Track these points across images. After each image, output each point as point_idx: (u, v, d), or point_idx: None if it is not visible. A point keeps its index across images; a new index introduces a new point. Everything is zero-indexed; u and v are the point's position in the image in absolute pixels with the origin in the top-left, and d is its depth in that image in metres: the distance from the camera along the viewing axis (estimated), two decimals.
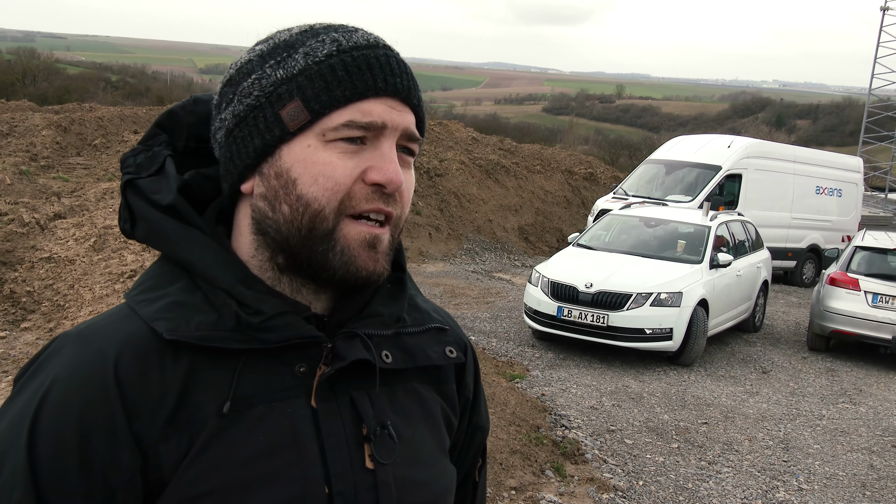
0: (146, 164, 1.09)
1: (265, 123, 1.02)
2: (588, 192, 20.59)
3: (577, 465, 6.27)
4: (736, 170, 15.65)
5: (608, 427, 7.26)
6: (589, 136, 63.14)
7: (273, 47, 1.05)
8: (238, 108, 1.04)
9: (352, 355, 1.05)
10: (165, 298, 1.01)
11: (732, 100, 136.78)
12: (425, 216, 16.31)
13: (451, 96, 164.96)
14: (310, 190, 1.00)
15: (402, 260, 1.18)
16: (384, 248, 1.05)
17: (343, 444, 1.04)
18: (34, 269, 6.76)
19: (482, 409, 1.31)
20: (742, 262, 11.09)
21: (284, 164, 1.02)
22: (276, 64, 1.03)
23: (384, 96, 1.02)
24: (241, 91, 1.04)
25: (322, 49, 1.02)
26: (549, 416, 7.28)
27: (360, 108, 1.01)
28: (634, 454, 6.71)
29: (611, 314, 9.18)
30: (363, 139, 1.02)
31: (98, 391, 0.95)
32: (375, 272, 1.05)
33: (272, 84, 1.02)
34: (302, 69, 1.02)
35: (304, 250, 1.03)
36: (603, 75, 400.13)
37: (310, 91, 1.01)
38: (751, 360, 10.34)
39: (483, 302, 12.21)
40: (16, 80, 39.33)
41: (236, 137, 1.04)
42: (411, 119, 1.06)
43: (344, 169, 1.01)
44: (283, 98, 1.01)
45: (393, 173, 1.02)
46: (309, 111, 1.00)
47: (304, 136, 1.01)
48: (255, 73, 1.04)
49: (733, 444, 7.18)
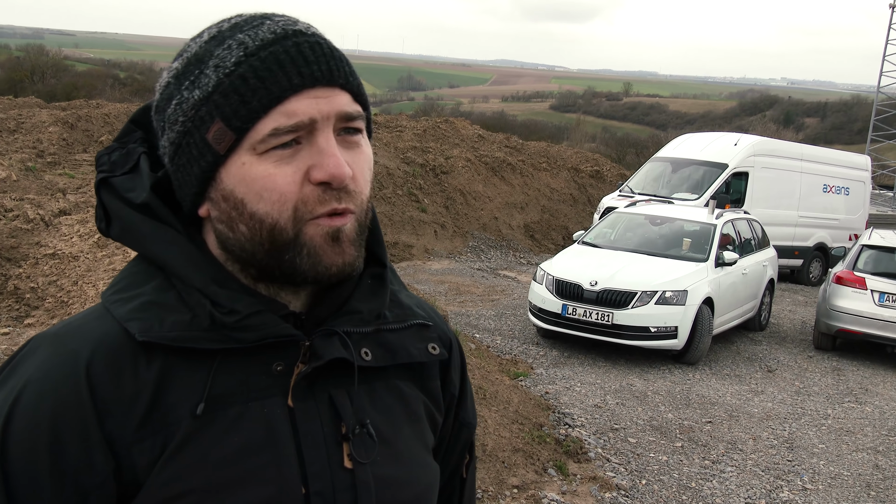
0: (120, 162, 1.07)
1: (197, 150, 0.99)
2: (594, 189, 20.55)
3: (580, 464, 6.26)
4: (742, 168, 15.59)
5: (612, 425, 7.24)
6: (596, 133, 63.02)
7: (186, 65, 1.01)
8: (171, 135, 1.02)
9: (329, 354, 1.04)
10: (140, 298, 1.00)
11: (740, 97, 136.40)
12: (431, 213, 16.29)
13: (458, 94, 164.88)
14: (259, 207, 0.98)
15: (382, 255, 1.16)
16: (349, 236, 1.03)
17: (321, 443, 1.03)
18: (38, 265, 6.77)
19: (469, 404, 1.30)
20: (748, 261, 11.04)
21: (227, 187, 0.99)
22: (191, 84, 0.99)
23: (304, 89, 0.98)
24: (168, 119, 1.02)
25: (230, 58, 0.98)
26: (553, 415, 7.26)
27: (282, 111, 0.97)
28: (638, 453, 6.69)
29: (615, 312, 9.15)
30: (297, 139, 0.98)
31: (70, 393, 0.94)
32: (346, 264, 1.03)
33: (192, 107, 0.99)
34: (216, 85, 0.97)
35: (272, 261, 1.01)
36: (610, 73, 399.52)
37: (227, 109, 0.97)
38: (756, 358, 10.31)
39: (488, 300, 12.20)
40: (24, 77, 39.44)
41: (178, 166, 1.02)
42: (343, 99, 1.01)
43: (284, 177, 0.98)
44: (206, 121, 0.98)
45: (334, 167, 0.98)
46: (232, 130, 0.97)
47: (236, 155, 0.98)
48: (174, 97, 1.01)
49: (737, 444, 7.15)
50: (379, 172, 16.17)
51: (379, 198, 15.59)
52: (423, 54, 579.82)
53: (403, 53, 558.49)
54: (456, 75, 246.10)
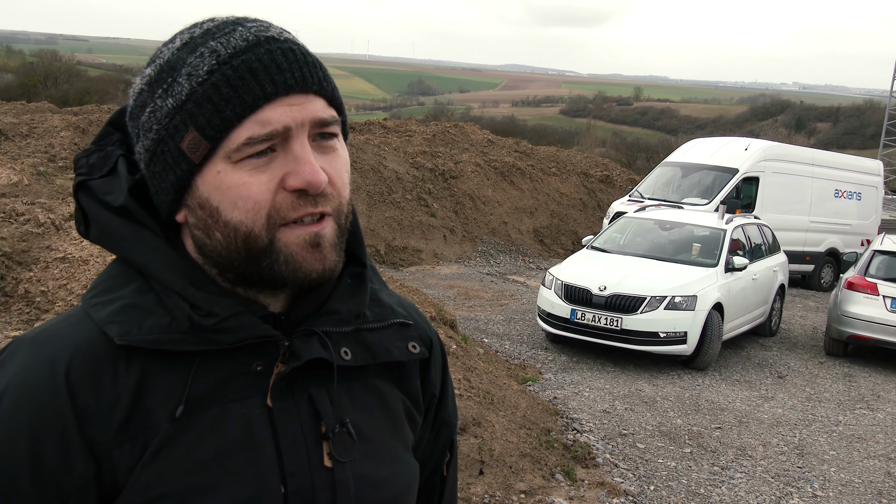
0: (98, 165, 1.07)
1: (172, 158, 0.99)
2: (604, 194, 20.51)
3: (588, 469, 6.23)
4: (753, 173, 15.53)
5: (620, 431, 7.21)
6: (606, 138, 62.92)
7: (158, 72, 1.01)
8: (146, 143, 1.01)
9: (308, 354, 1.04)
10: (119, 301, 1.00)
11: (751, 102, 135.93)
12: (440, 218, 16.29)
13: (469, 98, 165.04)
14: (233, 215, 0.98)
15: (362, 255, 1.16)
16: (329, 241, 1.03)
17: (300, 442, 1.03)
18: (49, 269, 6.80)
19: (450, 403, 1.30)
20: (758, 266, 10.99)
21: (202, 195, 0.99)
22: (164, 92, 0.99)
23: (278, 97, 0.97)
24: (143, 126, 1.02)
25: (202, 66, 0.97)
26: (561, 420, 7.24)
27: (256, 119, 0.96)
28: (646, 458, 6.66)
29: (624, 317, 9.12)
30: (272, 147, 0.98)
31: (49, 398, 0.94)
32: (326, 269, 1.03)
33: (166, 116, 0.98)
34: (189, 94, 0.97)
35: (249, 267, 1.01)
36: (621, 77, 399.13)
37: (201, 118, 0.96)
38: (766, 364, 10.25)
39: (497, 304, 12.18)
40: (38, 83, 39.71)
41: (154, 173, 1.02)
42: (318, 105, 1.01)
43: (259, 185, 0.97)
44: (180, 130, 0.98)
45: (310, 174, 0.98)
46: (207, 139, 0.97)
47: (211, 164, 0.98)
48: (148, 105, 1.01)
49: (747, 450, 7.11)
50: (388, 177, 16.18)
51: (388, 202, 15.60)
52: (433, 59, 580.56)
53: (414, 58, 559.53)
54: (466, 80, 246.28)
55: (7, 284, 6.04)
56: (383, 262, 14.18)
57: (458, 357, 6.82)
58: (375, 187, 15.70)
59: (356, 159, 16.00)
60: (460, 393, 5.99)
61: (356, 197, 15.08)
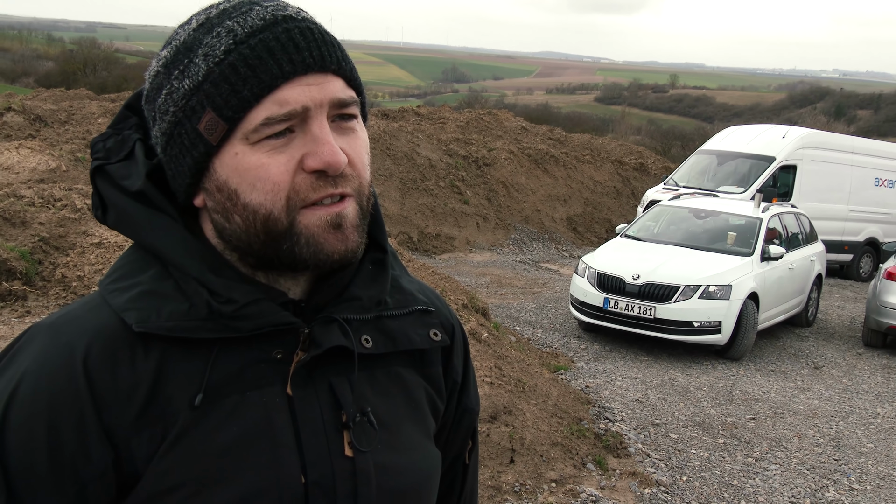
0: (116, 149, 1.06)
1: (189, 140, 0.98)
2: (638, 182, 20.33)
3: (620, 459, 6.19)
4: (791, 161, 15.30)
5: (653, 420, 7.16)
6: (641, 126, 62.36)
7: (175, 53, 0.99)
8: (162, 125, 1.00)
9: (328, 342, 1.02)
10: (137, 287, 0.99)
11: (790, 89, 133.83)
12: (473, 206, 16.26)
13: (503, 86, 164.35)
14: (252, 197, 0.97)
15: (383, 240, 1.14)
16: (351, 222, 1.01)
17: (320, 431, 1.02)
18: (84, 254, 6.89)
19: (472, 391, 1.28)
20: (795, 255, 10.84)
21: (221, 177, 0.98)
22: (181, 74, 0.98)
23: (296, 76, 0.96)
24: (159, 109, 1.00)
25: (219, 46, 0.96)
26: (593, 409, 7.21)
27: (274, 99, 0.95)
28: (679, 449, 6.60)
29: (658, 306, 9.05)
30: (290, 128, 0.97)
31: (67, 384, 0.93)
32: (348, 251, 1.01)
33: (182, 97, 0.97)
34: (206, 74, 0.96)
35: (269, 251, 1.00)
36: (656, 65, 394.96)
37: (218, 99, 0.95)
38: (803, 355, 10.11)
39: (529, 292, 12.14)
40: (77, 70, 40.24)
41: (170, 156, 1.01)
42: (337, 85, 0.99)
43: (278, 166, 0.96)
44: (197, 111, 0.96)
45: (329, 155, 0.96)
46: (224, 119, 0.95)
47: (229, 145, 0.97)
48: (164, 87, 0.99)
49: (782, 441, 7.02)
50: (421, 164, 16.18)
51: (421, 189, 15.60)
52: (467, 46, 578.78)
53: (448, 45, 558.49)
54: (500, 67, 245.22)
55: (45, 269, 6.13)
56: (416, 250, 14.19)
57: (490, 345, 6.81)
58: (409, 174, 15.71)
59: (389, 146, 16.01)
60: (491, 381, 5.98)
61: (389, 184, 15.11)
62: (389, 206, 14.69)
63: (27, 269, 5.98)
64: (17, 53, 56.46)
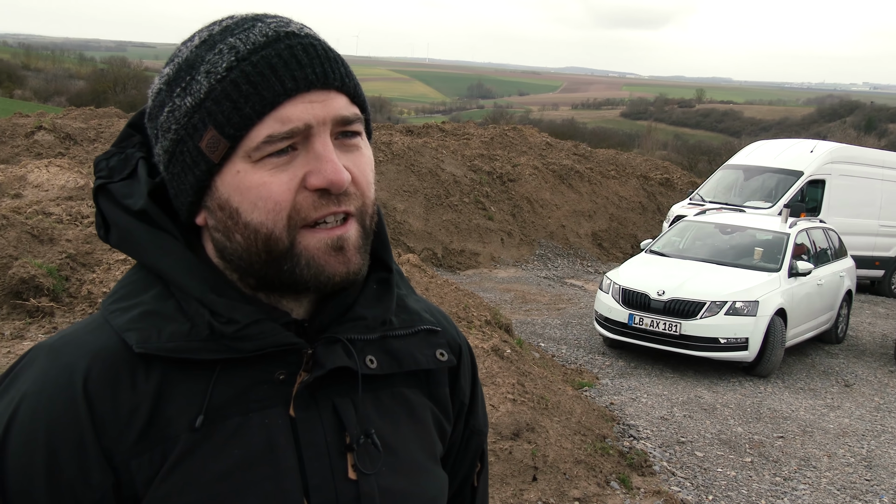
0: (119, 168, 1.05)
1: (191, 158, 0.97)
2: (664, 197, 20.21)
3: (644, 477, 6.12)
4: (819, 175, 15.13)
5: (678, 438, 7.07)
6: (667, 140, 62.01)
7: (177, 70, 0.99)
8: (164, 143, 1.00)
9: (331, 362, 1.01)
10: (138, 307, 0.98)
11: (819, 103, 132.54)
12: (497, 221, 16.24)
13: (528, 101, 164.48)
14: (253, 216, 0.96)
15: (388, 259, 1.12)
16: (353, 244, 1.00)
17: (324, 454, 1.00)
18: (110, 270, 6.95)
19: (480, 412, 1.26)
20: (824, 271, 10.70)
21: (222, 196, 0.97)
22: (183, 91, 0.97)
23: (299, 94, 0.95)
24: (161, 126, 1.00)
25: (221, 63, 0.96)
26: (617, 426, 7.13)
27: (277, 117, 0.94)
28: (705, 467, 6.51)
29: (684, 322, 8.97)
30: (293, 146, 0.96)
31: (66, 407, 0.92)
32: (350, 273, 1.00)
33: (184, 115, 0.97)
34: (207, 92, 0.95)
35: (270, 272, 0.99)
36: (683, 79, 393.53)
37: (220, 116, 0.94)
38: (832, 372, 9.96)
39: (554, 308, 12.09)
40: (107, 88, 40.90)
41: (173, 174, 1.00)
42: (340, 102, 0.99)
43: (279, 185, 0.95)
44: (199, 129, 0.96)
45: (332, 173, 0.95)
46: (226, 137, 0.95)
47: (231, 164, 0.96)
48: (166, 105, 0.99)
49: (811, 460, 6.91)
50: (446, 180, 16.20)
51: (445, 205, 15.62)
52: (492, 62, 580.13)
53: (473, 61, 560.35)
54: (526, 83, 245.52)
55: (71, 285, 6.20)
56: (440, 266, 14.19)
57: (513, 361, 6.77)
58: (433, 190, 15.73)
59: (414, 162, 16.06)
60: (514, 398, 5.94)
61: (414, 200, 15.14)
62: (414, 222, 14.72)
63: (54, 285, 6.04)
64: (50, 73, 57.48)
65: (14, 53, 76.90)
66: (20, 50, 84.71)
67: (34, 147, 13.26)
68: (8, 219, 6.53)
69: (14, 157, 12.47)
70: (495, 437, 5.51)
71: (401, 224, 14.51)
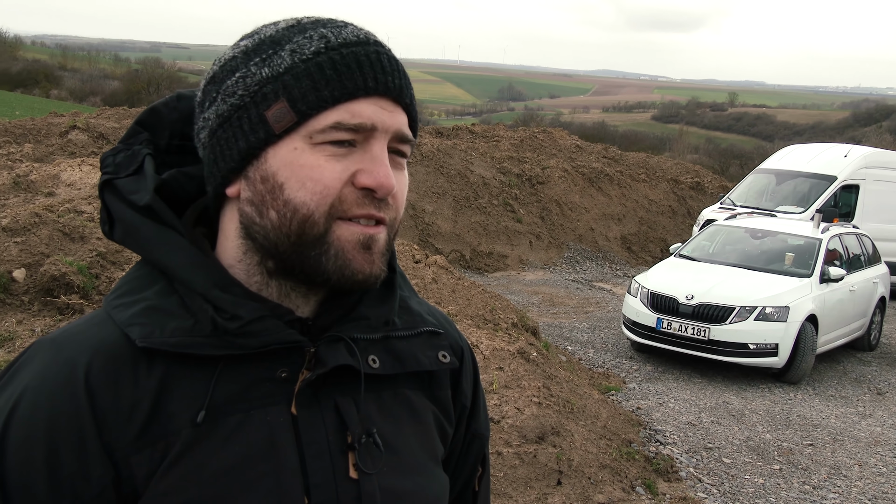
0: (125, 164, 1.06)
1: (250, 125, 0.97)
2: (694, 201, 20.05)
3: (670, 483, 6.07)
4: (853, 180, 14.92)
5: (705, 444, 7.00)
6: (699, 144, 61.47)
7: (258, 43, 1.00)
8: (222, 107, 1.00)
9: (334, 360, 1.01)
10: (141, 303, 0.98)
11: (854, 107, 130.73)
12: (526, 224, 16.20)
13: (559, 104, 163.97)
14: (297, 194, 0.96)
15: (393, 261, 1.12)
16: (380, 248, 1.01)
17: (325, 452, 1.00)
18: None
19: (481, 415, 1.26)
20: (856, 277, 10.55)
21: (270, 168, 0.97)
22: (262, 62, 0.98)
23: (375, 96, 0.98)
24: (225, 90, 1.00)
25: (310, 46, 0.98)
26: (643, 431, 7.08)
27: (349, 108, 0.96)
28: (732, 474, 6.44)
29: (712, 327, 8.88)
30: (352, 141, 0.97)
31: (67, 402, 0.92)
32: (372, 274, 1.01)
33: (257, 83, 0.98)
34: (288, 67, 0.97)
35: (294, 256, 0.99)
36: (715, 83, 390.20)
37: (296, 91, 0.96)
38: (864, 380, 9.81)
39: (582, 311, 12.03)
40: (141, 89, 41.39)
41: (220, 139, 1.00)
42: (403, 119, 1.02)
43: (332, 172, 0.96)
44: (269, 98, 0.97)
45: (384, 177, 0.97)
46: (296, 112, 0.96)
47: (290, 139, 0.97)
48: (239, 70, 0.99)
49: (841, 469, 6.81)
50: (475, 182, 16.19)
51: (474, 207, 15.60)
52: (524, 64, 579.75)
53: (504, 64, 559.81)
54: (556, 86, 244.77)
55: (101, 283, 6.26)
56: (468, 268, 14.19)
57: (539, 364, 6.74)
58: (462, 192, 15.73)
59: (443, 164, 16.06)
60: (539, 401, 5.91)
61: (442, 201, 15.15)
62: (442, 224, 14.72)
63: (84, 283, 6.11)
64: (86, 73, 58.25)
65: (51, 54, 78.07)
66: (57, 51, 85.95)
67: (68, 146, 13.45)
68: (41, 216, 6.62)
69: (48, 155, 12.65)
70: (520, 441, 5.49)
71: (429, 225, 14.52)
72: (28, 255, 6.18)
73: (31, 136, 13.70)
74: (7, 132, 13.60)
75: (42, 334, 5.47)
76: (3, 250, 6.12)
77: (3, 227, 6.37)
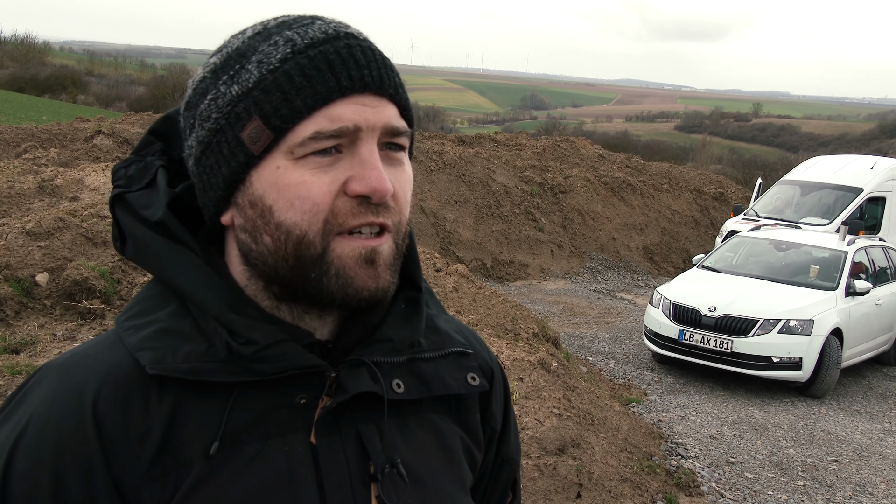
0: (137, 176, 1.01)
1: (228, 149, 0.92)
2: (717, 212, 19.90)
3: (692, 498, 5.99)
4: (879, 192, 14.74)
5: (727, 458, 6.91)
6: (722, 155, 61.13)
7: (225, 59, 0.94)
8: (200, 133, 0.94)
9: (355, 387, 0.95)
10: (153, 325, 0.93)
11: (880, 119, 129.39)
12: (548, 233, 16.15)
13: (582, 113, 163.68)
14: (287, 216, 0.90)
15: (418, 277, 1.06)
16: (385, 260, 0.94)
17: (346, 483, 0.95)
18: None
19: (512, 439, 1.19)
20: (883, 291, 10.41)
21: (256, 192, 0.92)
22: (230, 79, 0.92)
23: (352, 94, 0.91)
24: (200, 115, 0.94)
25: (275, 54, 0.91)
26: (665, 444, 7.00)
27: (326, 114, 0.90)
28: (755, 489, 6.35)
29: (735, 340, 8.79)
30: (338, 147, 0.91)
31: (74, 430, 0.88)
32: (379, 290, 0.94)
33: (228, 103, 0.91)
34: (257, 81, 0.90)
35: (296, 279, 0.93)
36: (739, 93, 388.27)
37: (268, 106, 0.89)
38: (891, 395, 9.66)
39: (603, 322, 11.95)
40: (166, 94, 41.77)
41: (204, 166, 0.94)
42: (391, 112, 0.94)
43: (320, 186, 0.90)
44: (242, 118, 0.90)
45: (376, 181, 0.90)
46: (271, 129, 0.90)
47: (271, 158, 0.91)
48: (210, 92, 0.94)
49: (867, 486, 6.69)
50: (497, 190, 16.16)
51: (496, 216, 15.57)
52: (547, 73, 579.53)
53: (527, 72, 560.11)
54: (580, 94, 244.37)
55: (123, 288, 6.29)
56: (489, 276, 14.15)
57: (559, 375, 6.69)
58: (483, 200, 15.70)
59: (465, 172, 16.05)
60: (559, 413, 5.86)
61: (464, 210, 15.12)
62: (463, 232, 14.70)
63: (106, 287, 6.14)
64: (112, 79, 58.90)
65: (79, 60, 78.95)
66: (84, 56, 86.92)
67: (93, 151, 13.56)
68: (64, 221, 6.66)
69: (73, 160, 12.76)
70: (539, 452, 5.44)
71: (450, 234, 14.51)
72: (51, 259, 6.22)
73: (57, 140, 13.84)
74: (34, 137, 13.74)
75: (63, 338, 5.49)
76: (26, 254, 6.16)
77: (27, 231, 6.42)
